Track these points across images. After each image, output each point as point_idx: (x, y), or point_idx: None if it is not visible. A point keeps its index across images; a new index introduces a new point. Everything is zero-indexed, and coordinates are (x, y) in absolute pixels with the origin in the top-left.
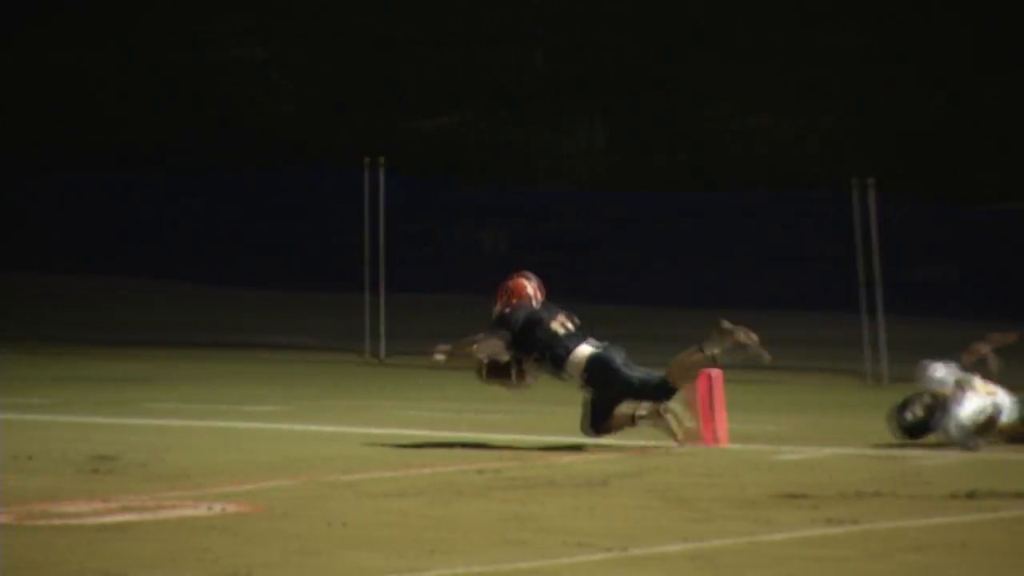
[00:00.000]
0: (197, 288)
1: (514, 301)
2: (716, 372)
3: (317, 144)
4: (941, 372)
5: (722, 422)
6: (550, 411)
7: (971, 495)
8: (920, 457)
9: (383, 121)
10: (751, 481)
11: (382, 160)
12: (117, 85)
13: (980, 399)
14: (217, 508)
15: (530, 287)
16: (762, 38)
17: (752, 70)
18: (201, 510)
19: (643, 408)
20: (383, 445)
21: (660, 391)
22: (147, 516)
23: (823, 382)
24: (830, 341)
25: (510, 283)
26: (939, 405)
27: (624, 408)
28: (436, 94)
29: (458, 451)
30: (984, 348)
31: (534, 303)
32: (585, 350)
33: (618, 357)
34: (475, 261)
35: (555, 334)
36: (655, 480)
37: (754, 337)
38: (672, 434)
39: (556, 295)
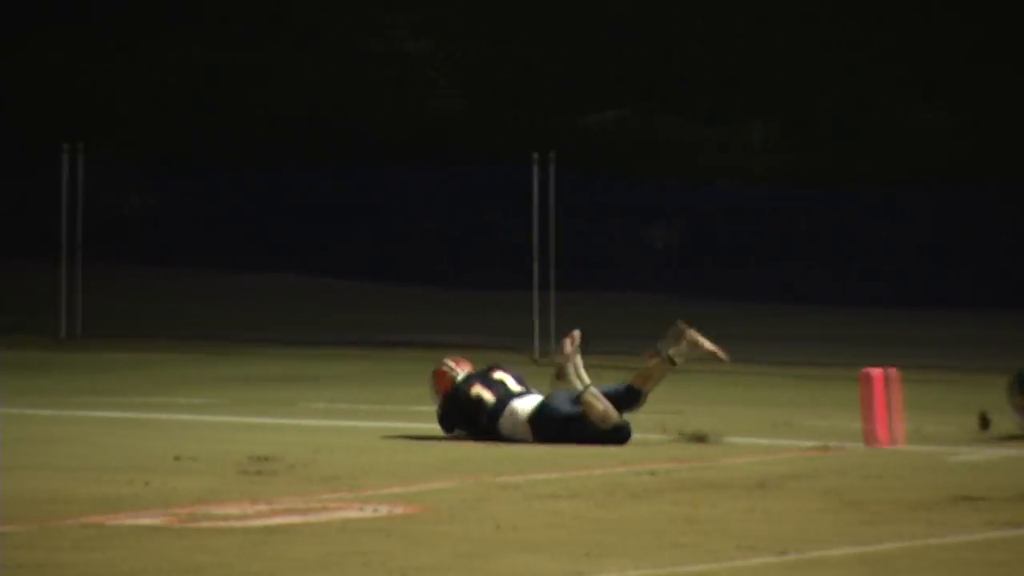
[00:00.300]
0: (363, 286)
1: (441, 394)
2: (893, 372)
3: (485, 139)
4: None
5: (899, 423)
6: (718, 411)
7: None
8: None
9: (548, 116)
10: (927, 483)
11: (550, 156)
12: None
13: None
14: (379, 510)
15: (451, 371)
16: (927, 31)
17: (917, 63)
18: (362, 512)
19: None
20: (543, 446)
21: (629, 398)
22: (307, 518)
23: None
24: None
25: (433, 379)
26: None
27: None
28: (599, 88)
29: (626, 451)
30: None
31: (458, 379)
32: (523, 408)
33: (557, 401)
34: (643, 259)
35: (476, 401)
36: (828, 482)
37: (705, 340)
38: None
39: (724, 295)
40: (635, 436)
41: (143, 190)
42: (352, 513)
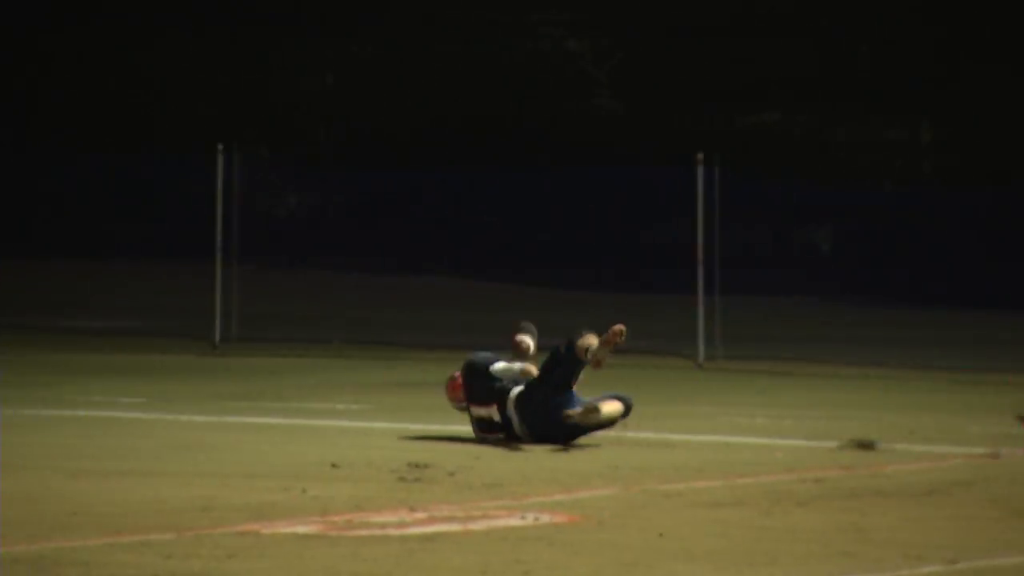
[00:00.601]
0: (519, 288)
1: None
2: None
3: (646, 140)
4: None
5: None
6: (883, 417)
7: None
8: None
9: (710, 117)
10: None
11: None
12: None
13: None
14: (540, 518)
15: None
16: None
17: None
18: (516, 520)
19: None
20: (708, 452)
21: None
22: (467, 527)
23: None
24: None
25: (448, 390)
26: None
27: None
28: (756, 89)
29: (792, 458)
30: None
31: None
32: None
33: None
34: (806, 261)
35: (488, 420)
36: (998, 489)
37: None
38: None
39: (886, 295)
40: (801, 443)
41: (299, 191)
42: (513, 521)
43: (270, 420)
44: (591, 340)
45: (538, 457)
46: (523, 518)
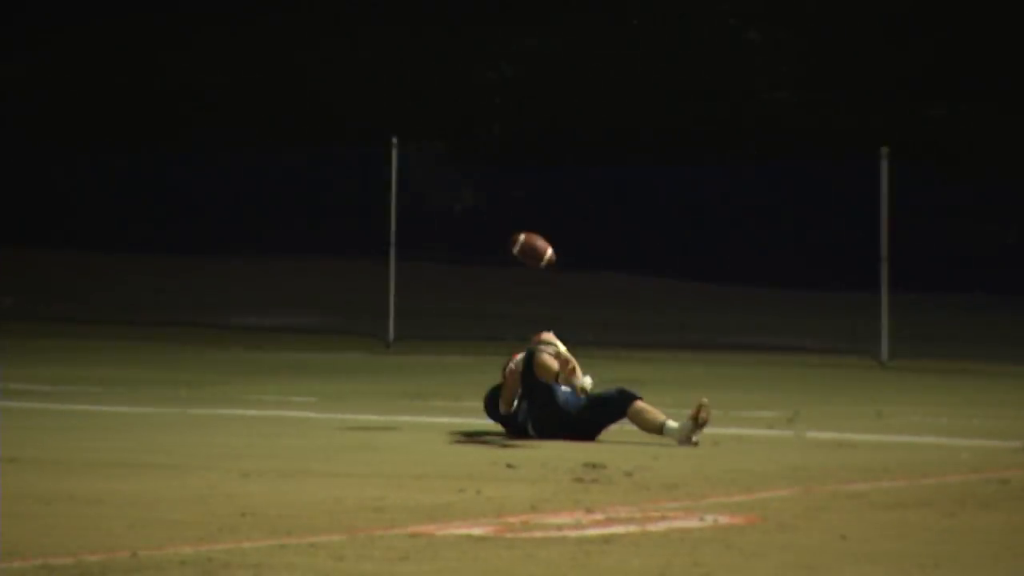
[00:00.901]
0: (692, 285)
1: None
2: None
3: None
4: None
5: None
6: None
7: None
8: None
9: (887, 111)
10: None
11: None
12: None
13: None
14: (712, 520)
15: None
16: None
17: None
18: (695, 521)
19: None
20: (892, 453)
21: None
22: (645, 528)
23: None
24: None
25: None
26: None
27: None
28: (938, 82)
29: (978, 459)
30: None
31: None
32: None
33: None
34: (986, 258)
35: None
36: None
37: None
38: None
39: None
40: (987, 443)
41: (474, 189)
42: (691, 523)
43: (443, 419)
44: (549, 362)
45: (717, 457)
46: (702, 519)
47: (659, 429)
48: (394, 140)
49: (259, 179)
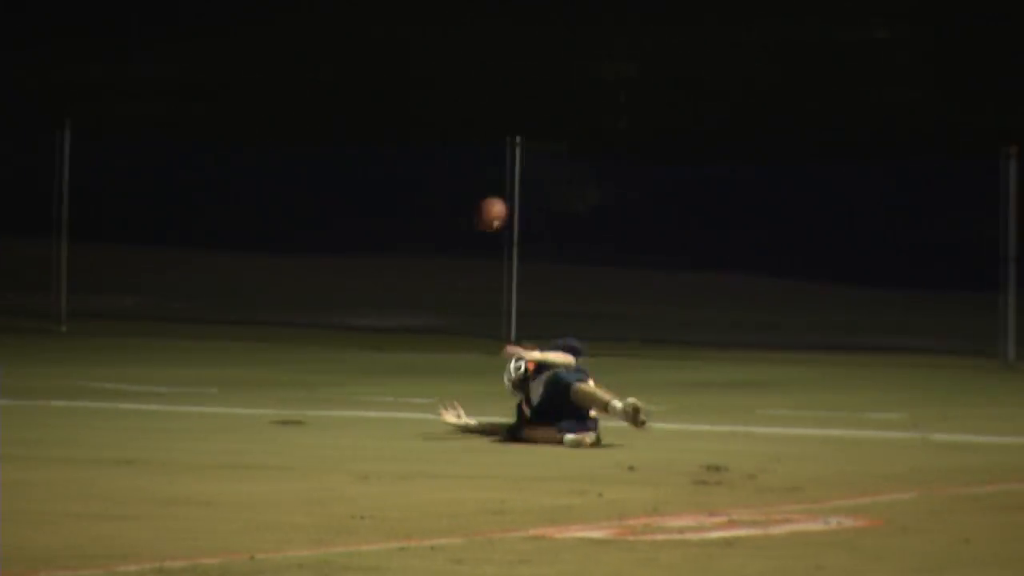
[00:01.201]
0: (813, 287)
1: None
2: None
3: (947, 132)
4: None
5: None
6: None
7: None
8: None
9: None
10: None
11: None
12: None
13: None
14: (835, 522)
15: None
16: None
17: None
18: (817, 524)
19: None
20: (1017, 455)
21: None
22: (767, 531)
23: None
24: None
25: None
26: None
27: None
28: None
29: None
30: None
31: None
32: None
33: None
34: None
35: None
36: None
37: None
38: None
39: None
40: None
41: (599, 188)
42: (813, 526)
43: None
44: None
45: (839, 460)
46: (824, 523)
47: (604, 407)
48: (517, 139)
49: (380, 177)
